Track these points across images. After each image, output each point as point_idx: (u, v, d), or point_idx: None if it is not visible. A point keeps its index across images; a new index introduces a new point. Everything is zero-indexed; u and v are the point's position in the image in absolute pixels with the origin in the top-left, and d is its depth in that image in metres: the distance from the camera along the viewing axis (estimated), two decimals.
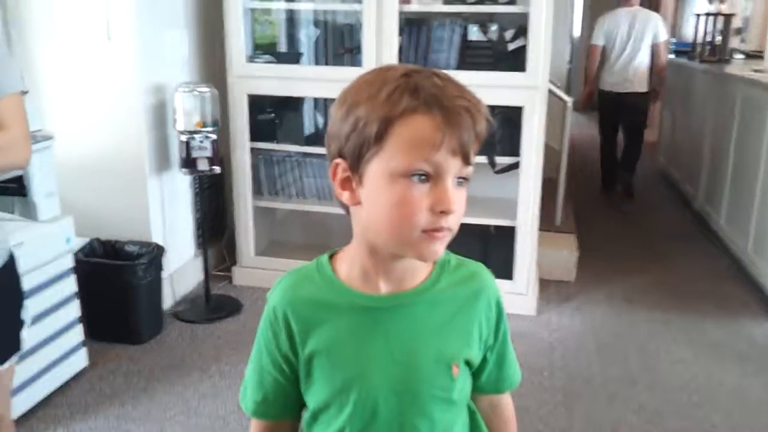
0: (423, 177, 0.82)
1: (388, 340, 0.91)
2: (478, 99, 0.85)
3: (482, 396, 1.04)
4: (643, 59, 4.91)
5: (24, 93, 1.44)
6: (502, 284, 1.02)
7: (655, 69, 5.04)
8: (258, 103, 3.30)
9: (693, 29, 6.27)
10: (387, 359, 0.91)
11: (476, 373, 1.00)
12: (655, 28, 4.90)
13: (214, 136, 2.94)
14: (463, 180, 0.85)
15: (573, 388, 2.59)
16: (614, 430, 2.34)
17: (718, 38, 5.65)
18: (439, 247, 0.86)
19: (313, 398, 0.95)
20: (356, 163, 0.85)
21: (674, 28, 8.09)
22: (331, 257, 0.97)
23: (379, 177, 0.83)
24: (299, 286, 0.95)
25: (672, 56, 6.38)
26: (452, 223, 0.84)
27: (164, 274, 2.97)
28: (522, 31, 2.97)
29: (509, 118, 3.04)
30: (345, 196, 0.88)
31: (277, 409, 0.99)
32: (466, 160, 0.83)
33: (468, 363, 0.96)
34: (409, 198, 0.82)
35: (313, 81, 3.16)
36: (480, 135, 0.84)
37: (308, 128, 3.47)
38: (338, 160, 0.86)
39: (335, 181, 0.88)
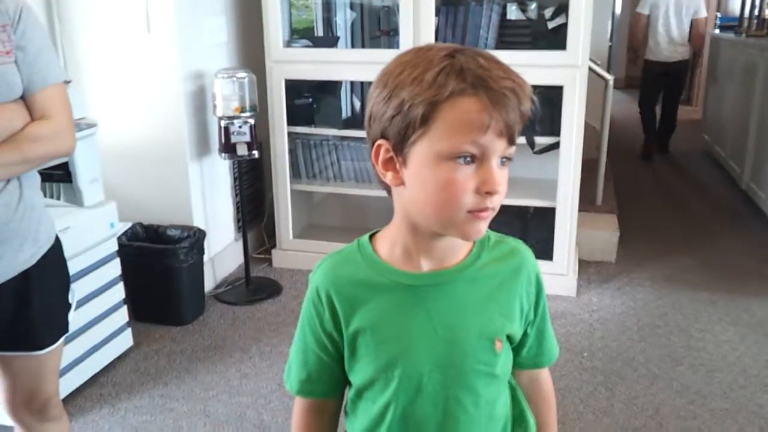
0: (469, 159, 0.82)
1: (431, 316, 0.93)
2: (523, 79, 0.85)
3: (522, 371, 1.05)
4: (685, 31, 5.38)
5: (67, 83, 1.46)
6: (541, 265, 1.02)
7: (694, 42, 5.52)
8: (295, 87, 3.32)
9: (740, 3, 6.07)
10: (431, 335, 0.92)
11: (517, 348, 1.01)
12: (696, 4, 5.35)
13: (252, 121, 2.96)
14: (506, 160, 0.86)
15: (614, 368, 2.57)
16: (656, 411, 2.32)
17: (767, 11, 5.47)
18: (483, 227, 0.87)
19: (358, 376, 0.97)
20: (400, 144, 0.85)
21: (720, 2, 7.84)
22: (371, 238, 0.98)
23: (424, 159, 0.83)
24: (341, 266, 0.97)
25: (717, 31, 6.22)
26: (496, 202, 0.85)
27: (205, 257, 3.02)
28: (562, 8, 2.92)
29: (549, 98, 3.00)
30: (388, 177, 0.88)
31: (321, 388, 1.01)
32: (511, 141, 0.84)
33: (509, 338, 0.98)
34: (455, 180, 0.82)
35: (350, 64, 3.15)
36: (525, 115, 0.84)
37: (345, 111, 3.48)
38: (381, 141, 0.87)
39: (377, 162, 0.88)
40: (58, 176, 2.35)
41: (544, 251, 3.03)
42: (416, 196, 0.87)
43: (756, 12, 5.56)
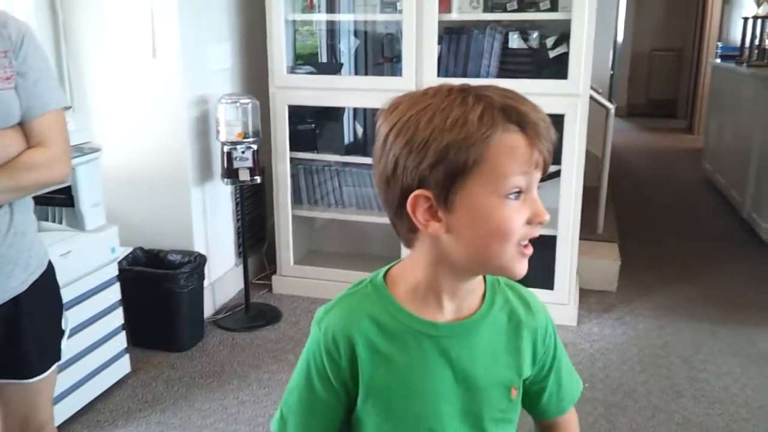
0: (517, 193, 0.84)
1: (453, 367, 0.92)
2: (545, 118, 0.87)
3: (548, 421, 1.05)
4: None
5: (66, 109, 1.46)
6: (542, 294, 1.03)
7: None
8: (298, 113, 3.33)
9: (740, 33, 6.12)
10: (452, 387, 0.92)
11: (537, 395, 1.01)
12: None
13: (255, 147, 2.98)
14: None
15: (615, 400, 2.54)
16: None
17: (767, 42, 5.51)
18: (526, 264, 0.91)
19: (372, 427, 0.94)
20: (445, 191, 0.83)
21: (721, 32, 7.90)
22: (384, 276, 0.95)
23: (476, 200, 0.83)
24: (359, 309, 0.93)
25: (718, 60, 6.26)
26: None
27: (205, 283, 3.01)
28: (564, 38, 2.94)
29: None
30: (432, 226, 0.85)
31: None
32: (545, 171, 0.87)
33: (524, 380, 0.98)
34: (509, 215, 0.85)
35: (353, 91, 3.18)
36: (550, 151, 0.86)
37: (348, 138, 3.49)
38: (419, 192, 0.84)
39: (415, 213, 0.85)
40: (61, 200, 2.35)
41: (545, 280, 3.01)
42: (464, 240, 0.85)
43: (756, 42, 5.60)
